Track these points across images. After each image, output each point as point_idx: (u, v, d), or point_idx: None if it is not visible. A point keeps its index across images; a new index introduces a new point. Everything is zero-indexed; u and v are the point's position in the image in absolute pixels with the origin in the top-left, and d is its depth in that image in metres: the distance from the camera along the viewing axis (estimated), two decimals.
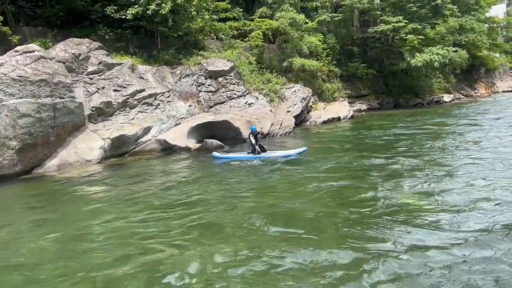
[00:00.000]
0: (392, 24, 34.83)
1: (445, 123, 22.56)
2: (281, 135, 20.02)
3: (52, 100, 13.93)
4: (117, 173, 13.40)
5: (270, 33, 28.73)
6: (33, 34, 18.80)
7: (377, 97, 37.49)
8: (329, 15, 34.83)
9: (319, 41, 30.79)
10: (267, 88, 23.81)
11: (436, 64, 34.58)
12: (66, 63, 15.91)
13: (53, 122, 13.84)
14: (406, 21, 35.34)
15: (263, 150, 14.22)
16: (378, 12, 37.88)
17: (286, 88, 25.13)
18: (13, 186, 12.06)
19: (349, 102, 31.90)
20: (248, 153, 14.22)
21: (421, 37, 35.34)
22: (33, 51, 14.57)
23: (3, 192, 11.40)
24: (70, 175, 13.03)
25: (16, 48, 14.67)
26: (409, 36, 34.93)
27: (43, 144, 13.68)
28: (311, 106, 26.82)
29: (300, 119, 24.69)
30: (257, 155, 13.92)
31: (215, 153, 14.92)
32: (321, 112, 27.31)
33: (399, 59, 38.69)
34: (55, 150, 14.16)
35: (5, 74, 13.36)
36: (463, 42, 43.08)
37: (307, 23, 29.67)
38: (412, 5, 37.07)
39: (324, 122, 25.86)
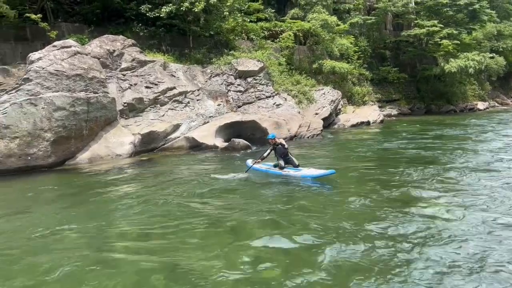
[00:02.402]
0: (427, 28, 34.09)
1: (482, 130, 21.79)
2: (308, 137, 19.88)
3: (86, 94, 14.30)
4: (145, 168, 13.60)
5: (301, 35, 28.61)
6: (70, 30, 19.38)
7: (408, 102, 36.76)
8: (362, 17, 34.42)
9: (351, 43, 30.48)
10: (296, 89, 23.72)
11: (471, 70, 33.62)
12: (101, 59, 16.30)
13: (86, 116, 14.21)
14: (441, 25, 34.52)
15: (293, 164, 11.29)
16: (412, 16, 37.16)
17: (315, 90, 24.95)
18: (46, 177, 12.43)
19: (379, 107, 31.40)
20: (274, 166, 11.59)
21: (456, 42, 34.44)
22: (70, 47, 14.99)
23: (37, 182, 11.77)
24: (101, 168, 13.33)
25: (54, 43, 15.13)
26: (443, 41, 34.10)
27: (76, 137, 14.07)
28: (340, 109, 26.54)
29: (329, 122, 24.47)
30: (283, 171, 11.17)
31: (249, 162, 12.15)
32: (350, 116, 26.98)
33: (433, 64, 37.83)
34: (87, 144, 14.54)
35: (43, 68, 13.80)
36: (501, 49, 41.74)
37: (339, 25, 29.39)
38: (448, 9, 36.18)
39: (353, 126, 25.53)
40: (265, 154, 11.38)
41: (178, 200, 9.26)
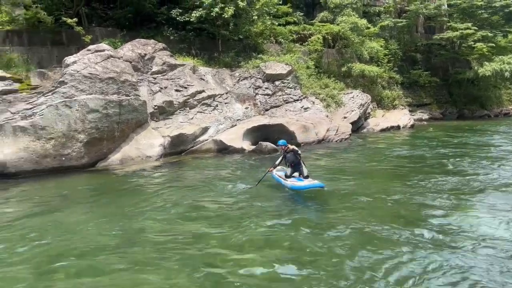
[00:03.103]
0: (460, 31, 33.21)
1: None
2: (336, 141, 19.68)
3: (119, 97, 14.66)
4: (175, 170, 13.81)
5: (330, 38, 28.40)
6: (103, 34, 19.93)
7: (440, 107, 35.84)
8: (393, 20, 33.86)
9: (381, 46, 30.02)
10: (324, 93, 23.55)
11: (506, 74, 32.48)
12: (133, 63, 16.67)
13: (118, 118, 14.57)
14: (476, 28, 33.55)
15: (301, 174, 10.54)
16: (445, 18, 36.29)
17: (344, 94, 24.70)
18: (79, 177, 12.81)
19: (409, 111, 30.74)
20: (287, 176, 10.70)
21: (491, 45, 33.37)
22: (103, 50, 15.41)
23: (71, 182, 12.16)
24: (131, 169, 13.64)
25: (88, 47, 15.59)
26: (478, 44, 33.11)
27: (108, 139, 14.44)
28: (369, 113, 26.15)
29: (357, 126, 24.15)
30: (283, 181, 10.59)
31: (275, 175, 11.08)
32: (380, 120, 26.54)
33: (466, 68, 36.75)
34: (119, 145, 14.90)
35: (77, 71, 14.25)
36: None
37: (369, 28, 29.02)
38: (483, 11, 35.14)
39: (382, 130, 25.09)
40: (276, 162, 10.83)
41: (203, 201, 9.35)
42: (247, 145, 17.44)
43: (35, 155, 13.01)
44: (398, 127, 26.33)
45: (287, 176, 10.56)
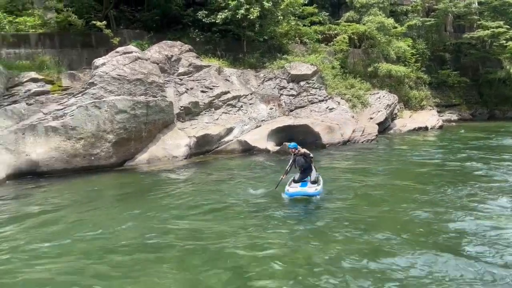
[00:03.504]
0: (491, 29, 32.23)
1: None
2: (362, 142, 19.43)
3: (146, 98, 14.93)
4: (200, 170, 13.96)
5: (356, 38, 28.07)
6: (131, 36, 20.32)
7: (470, 107, 34.86)
8: (420, 19, 33.15)
9: (408, 46, 29.47)
10: (350, 93, 23.30)
11: None
12: (160, 64, 16.93)
13: (145, 119, 14.84)
14: (508, 26, 32.48)
15: (309, 179, 10.17)
16: (475, 17, 35.27)
17: (370, 94, 24.36)
18: (108, 176, 13.13)
19: (437, 111, 30.04)
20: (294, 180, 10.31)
21: None
22: (131, 52, 15.73)
23: (100, 181, 12.48)
24: (158, 169, 13.87)
25: (117, 49, 15.94)
26: (510, 42, 32.04)
27: (135, 139, 14.73)
28: (396, 113, 25.71)
29: (384, 127, 23.77)
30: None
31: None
32: (407, 121, 26.06)
33: (497, 67, 35.61)
34: (146, 145, 15.17)
35: (106, 73, 14.58)
36: None
37: (396, 27, 28.54)
38: None
39: (410, 131, 24.62)
40: (287, 168, 10.16)
41: (226, 204, 9.39)
42: (271, 146, 17.44)
43: (65, 154, 13.40)
44: (426, 128, 25.78)
45: (294, 181, 10.14)
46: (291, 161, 10.20)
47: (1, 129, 13.17)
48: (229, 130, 17.66)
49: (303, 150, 10.09)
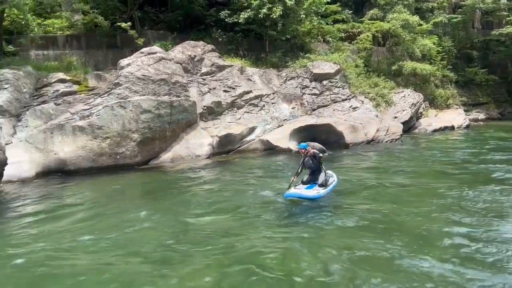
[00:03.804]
0: None
1: None
2: (387, 141, 19.13)
3: (170, 98, 15.12)
4: (222, 169, 14.04)
5: (380, 36, 27.67)
6: (155, 37, 20.62)
7: (498, 106, 33.81)
8: (447, 16, 32.38)
9: (434, 44, 28.84)
10: (373, 92, 22.99)
11: None
12: (183, 64, 17.12)
13: (169, 119, 15.04)
14: None
15: (317, 181, 9.72)
16: (505, 13, 34.16)
17: (395, 93, 23.98)
18: (133, 175, 13.37)
19: (464, 110, 29.29)
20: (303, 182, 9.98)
21: None
22: (155, 53, 15.95)
23: (125, 179, 12.74)
24: (182, 168, 14.04)
25: (142, 50, 16.19)
26: None
27: (160, 138, 14.95)
28: (421, 112, 25.23)
29: (409, 126, 23.35)
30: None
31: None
32: (432, 120, 25.51)
33: None
34: (170, 144, 15.38)
35: (131, 73, 14.84)
36: None
37: (421, 25, 27.96)
38: None
39: (435, 131, 24.09)
40: (298, 169, 9.80)
41: (246, 203, 9.41)
42: (293, 145, 17.35)
43: (92, 153, 13.71)
44: (452, 128, 25.18)
45: (303, 183, 9.84)
46: (301, 161, 9.88)
47: (31, 128, 13.58)
48: (251, 130, 17.70)
49: (312, 151, 9.70)
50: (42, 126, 13.70)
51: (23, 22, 17.94)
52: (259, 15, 19.78)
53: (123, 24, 18.64)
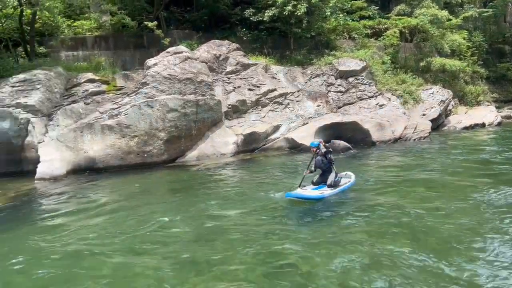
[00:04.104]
0: None
1: None
2: (414, 139, 18.75)
3: (195, 97, 15.27)
4: (247, 167, 14.09)
5: (407, 31, 27.11)
6: (181, 36, 20.84)
7: None
8: (477, 10, 31.39)
9: (464, 39, 28.01)
10: (401, 89, 22.53)
11: None
12: (208, 63, 17.25)
13: (195, 117, 15.19)
14: None
15: (327, 181, 9.56)
16: None
17: (423, 90, 23.44)
18: (160, 172, 13.60)
19: (496, 107, 28.38)
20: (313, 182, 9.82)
21: None
22: (181, 52, 16.14)
23: (153, 177, 13.00)
24: (207, 166, 14.16)
25: (168, 50, 16.41)
26: None
27: (186, 137, 15.13)
28: (450, 109, 24.59)
29: (437, 124, 22.81)
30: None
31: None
32: (462, 117, 24.82)
33: None
34: (195, 143, 15.56)
35: (158, 73, 15.06)
36: None
37: (450, 20, 27.22)
38: None
39: (465, 128, 23.44)
40: (312, 168, 9.66)
41: (269, 200, 9.40)
42: None
43: (120, 151, 14.01)
44: (482, 125, 24.45)
45: (313, 183, 9.64)
46: (311, 159, 9.71)
47: (62, 127, 13.97)
48: (276, 128, 17.68)
49: (323, 150, 9.49)
50: (72, 125, 14.07)
51: (53, 24, 18.47)
52: (284, 13, 19.71)
53: (150, 24, 18.93)
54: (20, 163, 13.63)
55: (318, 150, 9.50)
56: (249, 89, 18.08)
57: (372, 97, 20.57)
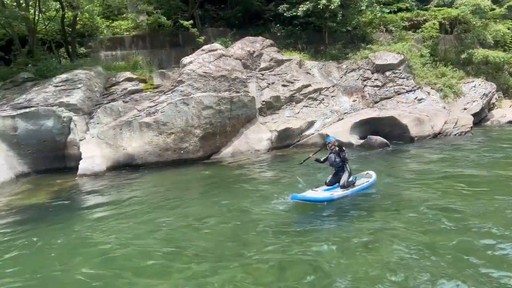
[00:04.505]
0: None
1: None
2: (455, 134, 18.08)
3: (230, 94, 15.39)
4: (281, 163, 14.05)
5: (447, 23, 26.12)
6: (215, 34, 21.04)
7: None
8: None
9: (508, 29, 26.69)
10: (440, 82, 21.75)
11: None
12: (242, 60, 17.32)
13: (229, 114, 15.32)
14: None
15: (339, 181, 9.21)
16: None
17: (464, 83, 22.53)
18: (196, 168, 13.82)
19: None
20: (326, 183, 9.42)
21: None
22: (216, 50, 16.29)
23: (189, 173, 13.23)
24: (241, 162, 14.25)
25: (203, 47, 16.61)
26: None
27: (220, 133, 15.31)
28: (494, 103, 23.53)
29: (480, 118, 21.89)
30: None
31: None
32: (507, 111, 23.67)
33: None
34: (230, 139, 15.70)
35: (193, 71, 15.28)
36: None
37: (494, 9, 25.99)
38: None
39: (510, 122, 22.35)
40: (322, 158, 9.42)
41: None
42: (355, 139, 16.97)
43: (158, 148, 14.34)
44: None
45: (326, 184, 9.25)
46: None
47: (102, 125, 14.45)
48: (310, 124, 17.54)
49: (336, 148, 9.09)
50: (112, 123, 14.52)
51: (93, 25, 19.12)
52: (318, 7, 19.49)
53: (185, 23, 19.23)
54: (64, 160, 14.21)
55: (333, 147, 9.19)
56: (283, 85, 18.02)
57: (410, 91, 20.00)
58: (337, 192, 8.82)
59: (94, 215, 8.90)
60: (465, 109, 21.04)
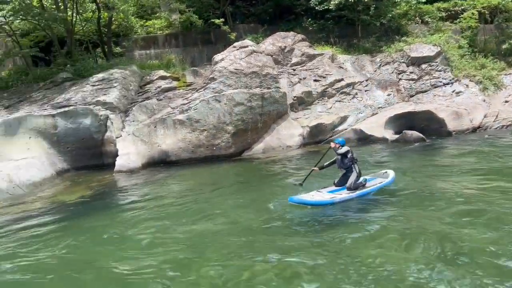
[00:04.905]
0: None
1: None
2: (496, 128, 17.36)
3: (261, 90, 15.42)
4: (314, 159, 13.86)
5: (487, 12, 25.01)
6: (246, 30, 21.08)
7: None
8: None
9: None
10: (480, 74, 20.87)
11: None
12: (273, 56, 17.29)
13: (261, 110, 15.36)
14: None
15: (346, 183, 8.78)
16: None
17: (505, 75, 21.50)
18: (228, 165, 13.99)
19: None
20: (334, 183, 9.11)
21: None
22: (247, 46, 16.35)
23: (221, 169, 13.42)
24: (273, 159, 14.27)
25: (234, 44, 16.72)
26: None
27: (252, 130, 15.37)
28: None
29: None
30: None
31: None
32: None
33: None
34: (261, 136, 15.74)
35: (225, 68, 15.40)
36: None
37: None
38: None
39: None
40: (326, 163, 9.12)
41: None
42: (389, 134, 16.61)
43: (191, 145, 14.58)
44: None
45: (335, 185, 8.94)
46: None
47: (137, 123, 14.82)
48: (343, 119, 17.29)
49: (342, 150, 8.57)
50: (146, 121, 14.87)
51: (127, 25, 19.61)
52: (350, 0, 19.12)
53: (217, 21, 19.38)
54: (101, 157, 14.70)
55: (338, 146, 8.68)
56: (315, 80, 17.84)
57: (448, 84, 19.34)
58: (340, 195, 8.45)
59: (132, 212, 9.14)
60: (506, 101, 20.07)
